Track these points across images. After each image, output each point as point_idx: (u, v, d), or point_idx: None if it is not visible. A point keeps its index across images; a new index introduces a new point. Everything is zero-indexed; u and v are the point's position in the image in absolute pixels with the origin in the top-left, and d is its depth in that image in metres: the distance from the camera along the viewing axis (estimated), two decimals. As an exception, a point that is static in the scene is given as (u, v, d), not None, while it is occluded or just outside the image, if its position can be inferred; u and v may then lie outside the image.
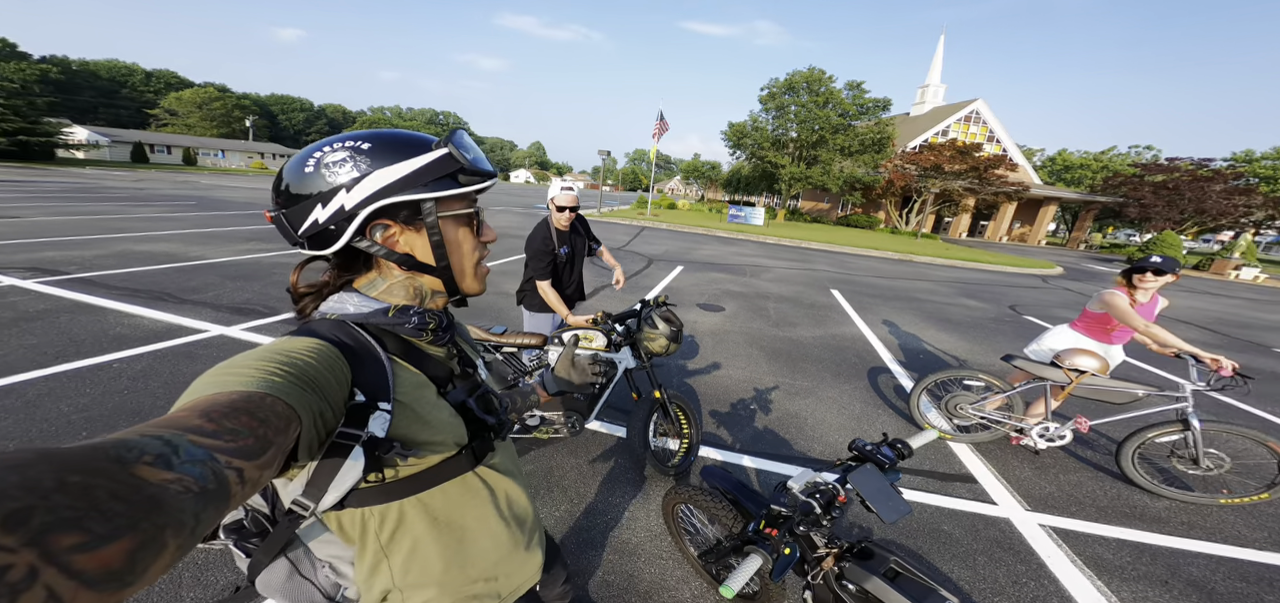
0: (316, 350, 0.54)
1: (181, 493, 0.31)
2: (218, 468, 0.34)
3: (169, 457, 0.32)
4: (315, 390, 0.49)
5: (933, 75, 40.97)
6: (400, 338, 0.67)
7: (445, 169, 0.63)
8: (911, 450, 1.26)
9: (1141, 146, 50.25)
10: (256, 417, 0.41)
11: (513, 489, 0.79)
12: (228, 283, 5.43)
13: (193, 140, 53.22)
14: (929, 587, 1.10)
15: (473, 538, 0.72)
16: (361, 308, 0.64)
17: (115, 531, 0.26)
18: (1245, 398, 4.52)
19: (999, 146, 33.18)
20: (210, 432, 0.36)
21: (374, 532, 0.65)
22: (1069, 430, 2.86)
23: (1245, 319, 9.73)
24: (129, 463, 0.29)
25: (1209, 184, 25.55)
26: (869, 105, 26.82)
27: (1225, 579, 2.09)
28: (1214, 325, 8.79)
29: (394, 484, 0.63)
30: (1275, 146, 41.14)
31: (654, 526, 2.17)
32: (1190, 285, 15.53)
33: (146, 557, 0.27)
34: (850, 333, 5.79)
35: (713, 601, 1.82)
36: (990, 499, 2.57)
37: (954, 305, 8.23)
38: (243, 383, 0.44)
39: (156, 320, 4.10)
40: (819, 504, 1.17)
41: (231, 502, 0.35)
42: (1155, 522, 2.47)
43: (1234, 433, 2.56)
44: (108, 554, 0.25)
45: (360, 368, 0.59)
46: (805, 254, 13.89)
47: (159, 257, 6.46)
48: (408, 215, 0.64)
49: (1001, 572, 2.06)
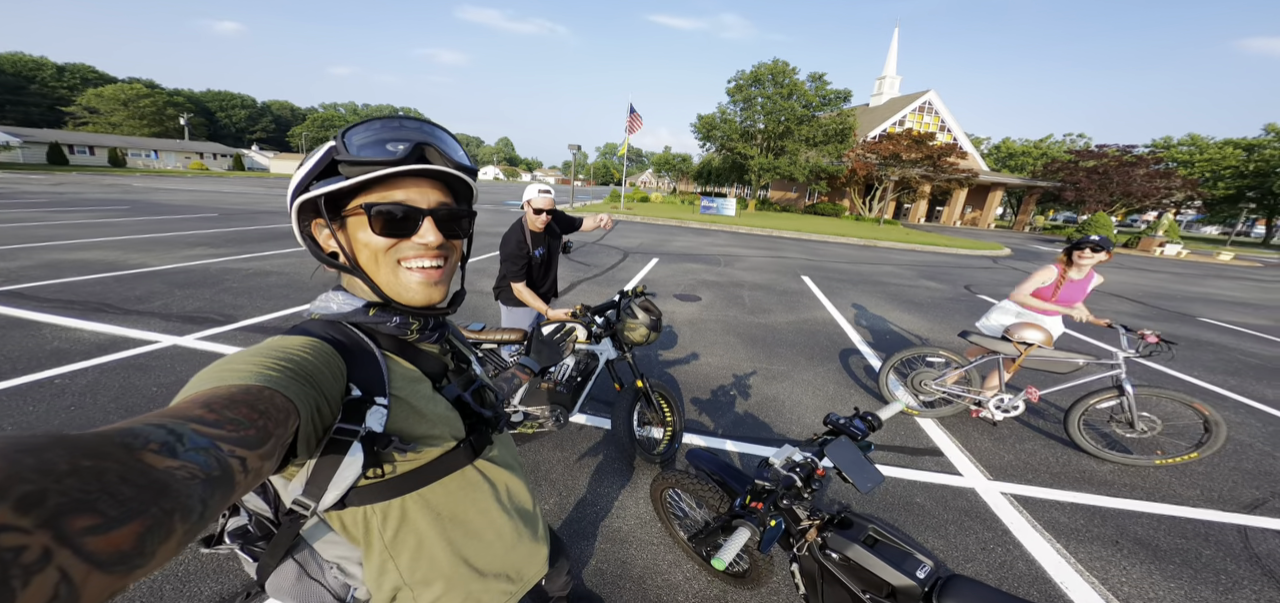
0: (312, 347, 0.55)
1: (188, 480, 0.31)
2: (221, 456, 0.35)
3: (173, 445, 0.32)
4: (312, 385, 0.50)
5: (889, 67, 42.64)
6: (389, 335, 0.67)
7: (327, 161, 0.60)
8: (881, 422, 1.34)
9: (1075, 134, 54.19)
10: (256, 408, 0.41)
11: (513, 482, 0.79)
12: (176, 291, 5.05)
13: (120, 140, 48.86)
14: (905, 551, 1.18)
15: (477, 531, 0.72)
16: (345, 306, 0.65)
17: (126, 514, 0.26)
18: (1171, 363, 5.01)
19: (950, 136, 34.98)
20: (212, 422, 0.37)
21: (377, 530, 0.65)
22: (1021, 401, 3.09)
23: (1171, 291, 10.71)
24: (136, 449, 0.30)
25: (1134, 168, 27.87)
26: (831, 97, 27.69)
27: (1167, 536, 2.30)
28: (1144, 298, 9.64)
29: (394, 481, 0.63)
30: (1189, 134, 45.34)
31: (643, 512, 2.21)
32: (1121, 262, 16.92)
33: (155, 540, 0.27)
34: (822, 317, 6.00)
35: (704, 581, 1.87)
36: (956, 471, 2.75)
37: (915, 287, 8.66)
38: (241, 378, 0.44)
39: (99, 333, 3.78)
40: (800, 478, 1.23)
41: (236, 490, 0.36)
42: (1103, 485, 2.71)
43: (1163, 396, 2.84)
44: (119, 537, 0.25)
45: (355, 364, 0.59)
46: (776, 242, 14.23)
47: (94, 265, 5.93)
48: (330, 215, 0.61)
49: (971, 539, 2.21)
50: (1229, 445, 3.24)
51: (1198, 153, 44.08)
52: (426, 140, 0.62)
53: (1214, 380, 4.67)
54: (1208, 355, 5.56)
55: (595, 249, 10.30)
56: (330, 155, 0.60)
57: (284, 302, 4.95)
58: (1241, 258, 21.90)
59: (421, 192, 0.62)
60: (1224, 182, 42.60)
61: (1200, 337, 6.52)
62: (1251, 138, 42.41)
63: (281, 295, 5.18)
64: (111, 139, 48.51)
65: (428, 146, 0.61)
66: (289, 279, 5.89)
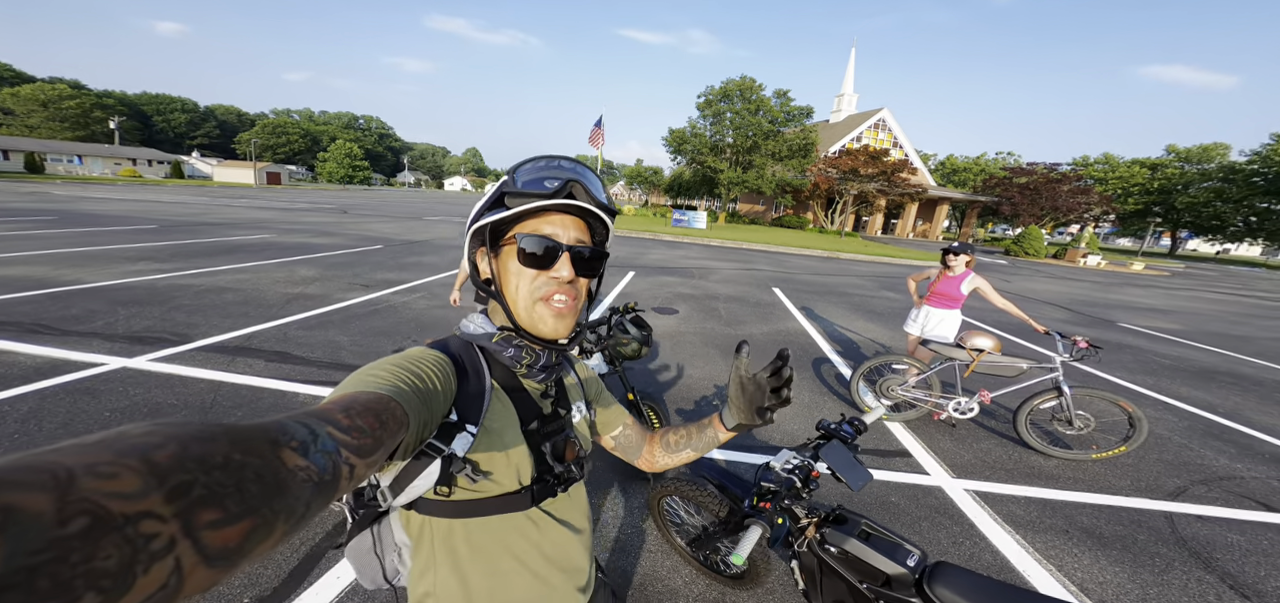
0: (440, 365, 0.61)
1: (305, 481, 0.32)
2: (339, 461, 0.36)
3: (309, 445, 0.34)
4: (427, 404, 0.55)
5: (847, 85, 45.12)
6: (503, 366, 0.71)
7: (498, 194, 0.67)
8: (866, 426, 1.48)
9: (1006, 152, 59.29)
10: (380, 419, 0.44)
11: (566, 540, 0.78)
12: (119, 309, 4.66)
13: (38, 144, 44.43)
14: (896, 542, 1.30)
15: (510, 575, 0.72)
16: (481, 330, 0.72)
17: (244, 511, 0.26)
18: (1099, 365, 5.57)
19: (902, 152, 37.35)
20: (345, 427, 0.39)
21: (428, 539, 0.69)
22: (976, 404, 3.37)
23: (1094, 299, 11.84)
24: (280, 445, 0.31)
25: (1059, 185, 30.71)
26: (795, 113, 28.97)
27: (1108, 524, 2.56)
28: (1071, 305, 10.62)
29: (452, 503, 0.66)
30: (1104, 153, 50.57)
31: (638, 522, 2.26)
32: (1052, 272, 18.53)
33: (256, 539, 0.27)
34: (793, 328, 6.27)
35: (703, 585, 1.94)
36: (924, 471, 2.96)
37: (876, 297, 9.17)
38: (381, 385, 0.49)
39: (36, 356, 3.45)
40: (799, 479, 1.33)
41: (337, 494, 0.36)
42: (1050, 479, 2.98)
43: (1094, 396, 3.18)
44: (230, 533, 0.26)
45: (464, 387, 0.65)
46: (746, 255, 14.68)
47: (22, 282, 5.37)
48: (490, 242, 0.69)
49: (943, 534, 2.39)
50: (1151, 439, 3.65)
51: (1111, 171, 49.22)
52: (575, 178, 0.67)
53: (1135, 380, 5.23)
54: (1128, 358, 6.22)
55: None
56: (501, 189, 0.67)
57: (243, 320, 4.67)
58: (1152, 267, 24.52)
59: (565, 228, 0.68)
60: (1133, 198, 47.69)
61: (1121, 341, 7.26)
62: (1156, 158, 47.81)
63: (240, 313, 4.88)
64: (28, 142, 44.00)
65: (575, 184, 0.66)
66: (245, 296, 5.56)
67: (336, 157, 74.46)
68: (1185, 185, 45.01)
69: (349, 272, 7.48)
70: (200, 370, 3.47)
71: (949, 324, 3.86)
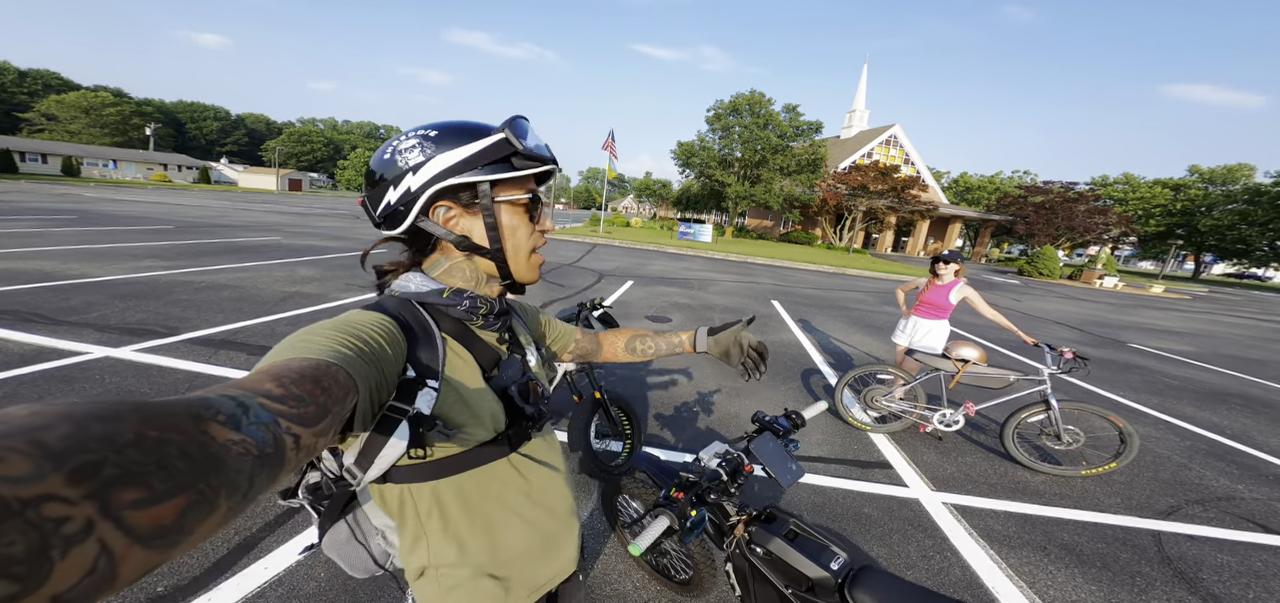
0: (382, 326, 0.58)
1: (242, 455, 0.31)
2: (278, 432, 0.35)
3: (239, 417, 0.32)
4: (376, 365, 0.52)
5: (858, 101, 45.13)
6: (454, 319, 0.70)
7: (500, 152, 0.65)
8: (804, 421, 1.42)
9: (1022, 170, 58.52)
10: (320, 385, 0.42)
11: (550, 481, 0.80)
12: (116, 302, 4.78)
13: (76, 149, 46.38)
14: (822, 544, 1.23)
15: (504, 524, 0.73)
16: (422, 287, 0.68)
17: (173, 488, 0.25)
18: (1097, 381, 5.38)
19: (913, 169, 37.07)
20: (278, 396, 0.37)
21: (412, 509, 0.68)
22: (961, 416, 3.26)
23: (1106, 320, 11.50)
24: (204, 419, 0.30)
25: (1075, 204, 30.15)
26: (804, 127, 29.00)
27: (1089, 541, 2.44)
28: (1081, 325, 10.32)
29: (432, 464, 0.65)
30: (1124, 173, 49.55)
31: (596, 524, 2.20)
32: (1064, 293, 18.10)
33: (196, 516, 0.27)
34: (788, 339, 6.18)
35: (654, 590, 1.87)
36: (903, 482, 2.86)
37: (877, 312, 9.02)
38: (314, 352, 0.46)
39: (23, 343, 3.54)
40: (725, 471, 1.27)
41: (285, 467, 0.35)
42: (1034, 494, 2.86)
43: (1084, 410, 3.06)
44: (161, 511, 0.25)
45: (416, 345, 0.62)
46: (750, 268, 14.61)
47: (28, 275, 5.56)
48: (466, 198, 0.67)
49: (912, 547, 2.29)
50: (1148, 457, 3.48)
51: (1131, 191, 48.19)
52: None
53: (1138, 399, 5.03)
54: (1134, 377, 6.00)
55: (570, 271, 10.33)
56: (506, 149, 0.65)
57: (236, 315, 4.75)
58: (1172, 290, 23.80)
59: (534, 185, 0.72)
60: (1155, 219, 46.53)
61: (1129, 361, 7.01)
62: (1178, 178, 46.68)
63: (233, 309, 4.97)
64: (66, 147, 46.03)
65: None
66: (242, 293, 5.67)
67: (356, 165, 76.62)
68: (1208, 207, 43.83)
69: (349, 273, 7.61)
70: (181, 362, 3.52)
71: (937, 335, 3.76)
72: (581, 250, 14.56)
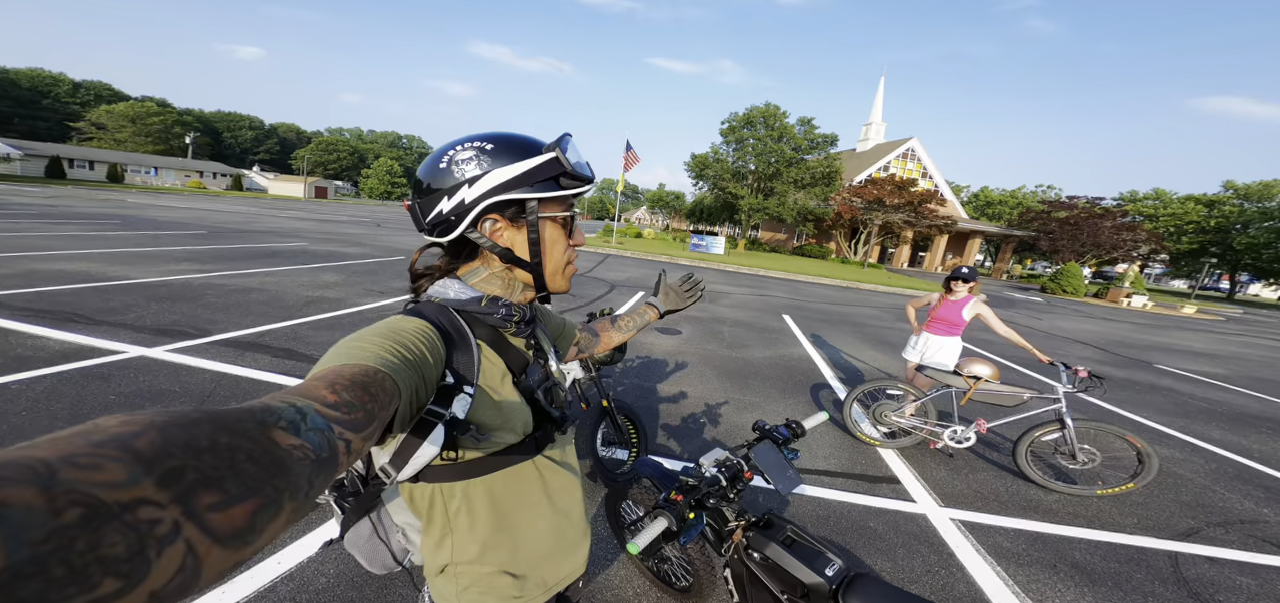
0: (423, 332, 0.60)
1: (302, 460, 0.32)
2: (332, 438, 0.36)
3: (298, 423, 0.34)
4: (417, 370, 0.54)
5: (875, 114, 44.74)
6: (488, 325, 0.72)
7: (551, 172, 0.67)
8: (804, 430, 1.45)
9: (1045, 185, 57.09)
10: (368, 391, 0.43)
11: (567, 482, 0.82)
12: (152, 304, 5.05)
13: (120, 156, 48.90)
14: (818, 550, 1.25)
15: (527, 524, 0.75)
16: (461, 295, 0.71)
17: (246, 491, 0.27)
18: (1106, 397, 5.22)
19: (931, 183, 36.51)
20: (331, 403, 0.39)
21: (441, 508, 0.71)
22: (973, 433, 3.22)
23: (1132, 340, 11.12)
24: (268, 426, 0.31)
25: (1101, 221, 29.27)
26: (819, 140, 28.89)
27: (1102, 561, 2.39)
28: (1105, 345, 9.99)
29: (462, 465, 0.68)
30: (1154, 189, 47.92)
31: (599, 529, 2.24)
32: (1089, 312, 17.52)
33: (265, 517, 0.28)
34: (798, 353, 6.15)
35: (655, 597, 1.90)
36: (910, 498, 2.83)
37: (891, 328, 8.90)
38: (363, 358, 0.48)
39: (64, 341, 3.77)
40: (725, 477, 1.31)
41: (338, 470, 0.37)
42: (1047, 512, 2.80)
43: (1100, 429, 2.99)
44: (237, 513, 0.26)
45: (454, 351, 0.64)
46: (762, 282, 14.55)
47: (71, 276, 5.90)
48: (513, 213, 0.69)
49: (917, 562, 2.27)
50: (1170, 479, 3.38)
51: (1162, 208, 46.48)
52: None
53: (1163, 421, 4.86)
54: (1160, 398, 5.79)
55: (582, 281, 10.46)
56: (555, 169, 0.68)
57: (263, 318, 4.97)
58: (1205, 311, 22.83)
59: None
60: (1187, 237, 44.75)
61: (1155, 382, 6.77)
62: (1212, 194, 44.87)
63: (261, 312, 5.20)
64: (111, 155, 48.53)
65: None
66: (269, 297, 5.91)
67: (378, 174, 78.70)
68: (1244, 225, 42.04)
69: (370, 279, 7.85)
70: (210, 362, 3.70)
71: (949, 350, 3.72)
72: (594, 261, 14.72)
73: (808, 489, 2.79)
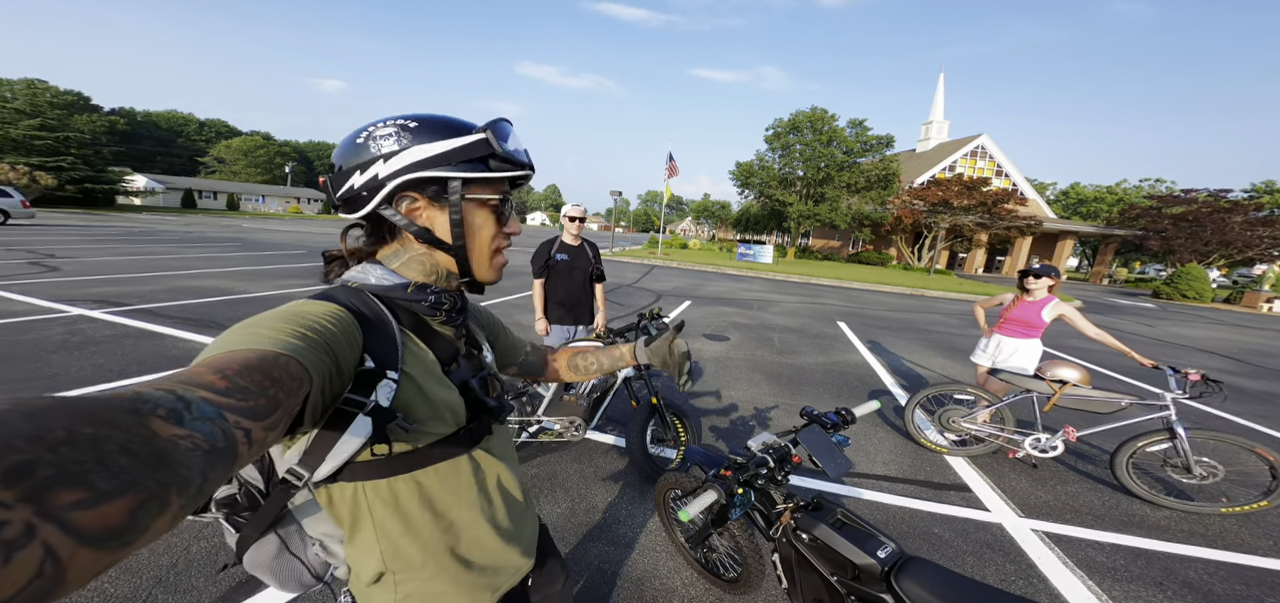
0: (333, 315, 0.55)
1: (191, 450, 0.30)
2: (227, 427, 0.34)
3: (181, 412, 0.31)
4: (329, 354, 0.50)
5: (935, 112, 41.74)
6: (413, 313, 0.68)
7: (479, 152, 0.64)
8: (855, 417, 1.45)
9: (1153, 179, 49.76)
10: (269, 376, 0.40)
11: (505, 474, 0.78)
12: (267, 313, 5.90)
13: (236, 186, 56.79)
14: (870, 533, 1.24)
15: (465, 521, 0.70)
16: (383, 280, 0.66)
17: (120, 487, 0.25)
18: (1226, 406, 4.47)
19: (1008, 181, 33.26)
20: (222, 389, 0.36)
21: (366, 508, 0.64)
22: (1060, 442, 2.93)
23: (1274, 350, 9.38)
24: (144, 415, 0.29)
25: (1229, 215, 25.00)
26: (872, 142, 27.38)
27: (1224, 582, 2.11)
28: (1238, 354, 8.53)
29: (389, 460, 0.62)
30: (1301, 177, 40.08)
31: (648, 521, 2.31)
32: (1217, 318, 15.00)
33: (147, 515, 0.26)
34: (854, 360, 5.88)
35: (701, 588, 1.93)
36: (984, 506, 2.64)
37: (961, 334, 8.22)
38: (258, 342, 0.44)
39: (206, 345, 4.51)
40: (773, 459, 1.34)
41: (237, 462, 0.34)
42: (1154, 529, 2.50)
43: (1222, 441, 2.61)
44: (109, 511, 0.24)
45: (372, 337, 0.60)
46: (814, 290, 14.00)
47: (209, 290, 7.04)
48: (434, 192, 0.65)
49: (990, 570, 2.12)
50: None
51: (1312, 198, 38.87)
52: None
53: (1317, 440, 4.08)
54: (1314, 414, 4.85)
55: (629, 291, 10.68)
56: (484, 149, 0.64)
57: (352, 324, 5.62)
58: (1384, 317, 18.66)
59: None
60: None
61: (1308, 395, 5.68)
62: (1383, 181, 36.80)
63: (350, 319, 5.89)
64: (230, 185, 56.47)
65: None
66: (357, 306, 6.67)
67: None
68: None
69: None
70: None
71: (1026, 354, 3.40)
72: (640, 272, 14.94)
73: (864, 492, 2.69)
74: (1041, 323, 3.35)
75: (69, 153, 31.89)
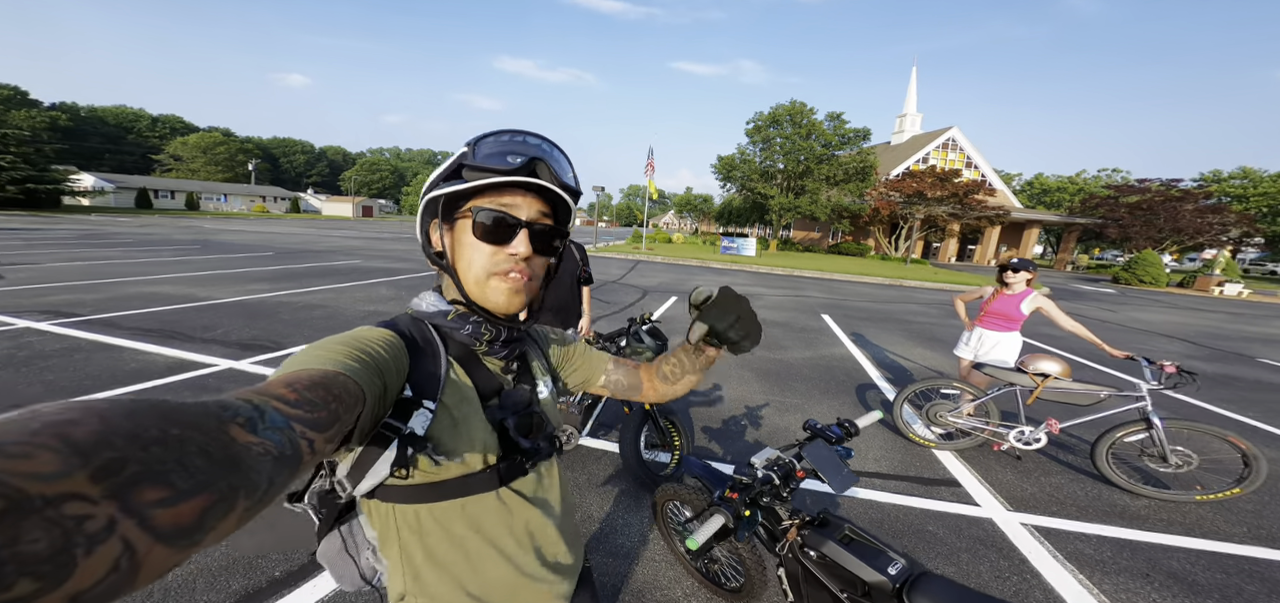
0: (386, 342, 0.58)
1: (261, 456, 0.32)
2: (293, 436, 0.36)
3: (256, 421, 0.34)
4: (379, 377, 0.53)
5: (909, 105, 42.83)
6: (461, 342, 0.68)
7: (456, 165, 0.64)
8: (857, 429, 1.42)
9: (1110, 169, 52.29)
10: (331, 392, 0.44)
11: (538, 520, 0.75)
12: (235, 321, 5.57)
13: (196, 185, 54.02)
14: (879, 549, 1.22)
15: (483, 559, 0.69)
16: (433, 307, 0.69)
17: (195, 487, 0.26)
18: (1198, 394, 4.70)
19: (977, 172, 34.41)
20: (292, 401, 0.39)
21: (395, 530, 0.66)
22: (1043, 434, 3.01)
23: (1227, 332, 9.97)
24: (225, 421, 0.31)
25: (1180, 203, 26.47)
26: (850, 135, 27.88)
27: (1206, 571, 2.18)
28: (1196, 338, 9.02)
29: (417, 487, 0.63)
30: (1240, 167, 42.89)
31: (646, 530, 2.26)
32: (1172, 302, 15.87)
33: (216, 515, 0.27)
34: (840, 353, 5.95)
35: (704, 597, 1.90)
36: (973, 501, 2.68)
37: (940, 324, 8.44)
38: (324, 363, 0.48)
39: (169, 357, 4.23)
40: (778, 476, 1.30)
41: (301, 469, 0.37)
42: (1136, 519, 2.58)
43: (1195, 430, 2.72)
44: (183, 510, 0.25)
45: (419, 364, 0.62)
46: (797, 282, 14.18)
47: (169, 298, 6.61)
48: (444, 214, 0.66)
49: (985, 567, 2.15)
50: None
51: (1252, 186, 41.48)
52: (540, 157, 0.64)
53: (1272, 421, 4.33)
54: (1266, 396, 5.17)
55: (615, 288, 10.59)
56: (460, 161, 0.64)
57: (327, 331, 5.37)
58: (1317, 297, 20.11)
59: (526, 203, 0.65)
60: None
61: (1260, 377, 6.06)
62: (1314, 170, 39.50)
63: (324, 325, 5.63)
64: (189, 184, 53.59)
65: (540, 162, 0.64)
66: (331, 312, 6.39)
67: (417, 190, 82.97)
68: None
69: (416, 291, 8.29)
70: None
71: (1007, 347, 3.49)
72: (625, 268, 14.84)
73: (857, 491, 2.70)
74: (1021, 315, 3.43)
75: (8, 151, 29.73)
